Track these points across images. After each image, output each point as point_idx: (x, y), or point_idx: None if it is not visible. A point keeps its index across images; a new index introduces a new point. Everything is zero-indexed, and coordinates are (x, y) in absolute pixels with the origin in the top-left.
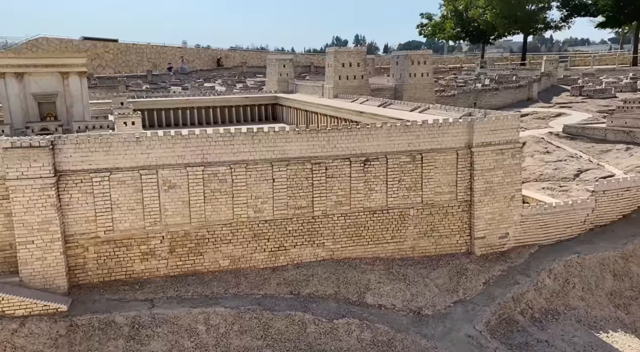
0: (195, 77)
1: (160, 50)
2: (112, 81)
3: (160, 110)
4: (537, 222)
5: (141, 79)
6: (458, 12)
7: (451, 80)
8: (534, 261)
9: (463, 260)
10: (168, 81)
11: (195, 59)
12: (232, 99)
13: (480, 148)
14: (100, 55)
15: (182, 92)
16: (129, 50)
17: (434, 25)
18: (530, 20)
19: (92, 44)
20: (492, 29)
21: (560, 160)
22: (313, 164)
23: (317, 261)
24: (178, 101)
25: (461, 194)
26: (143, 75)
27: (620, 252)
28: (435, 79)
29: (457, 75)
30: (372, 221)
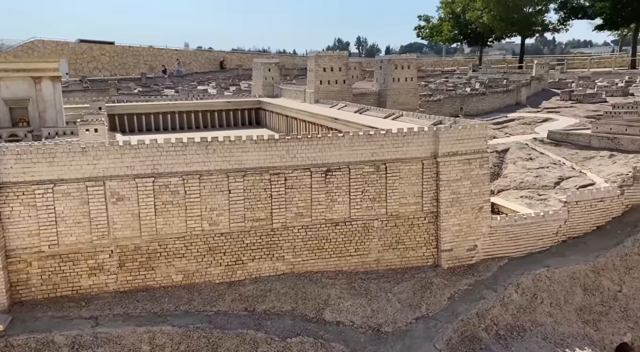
0: (190, 80)
1: (157, 53)
2: (105, 84)
3: (141, 115)
4: (506, 233)
5: (135, 81)
6: (455, 15)
7: (441, 84)
8: (502, 274)
9: (429, 273)
10: (161, 84)
11: (192, 61)
12: (214, 104)
13: (446, 158)
14: (97, 57)
15: (173, 95)
16: (126, 52)
17: (431, 28)
18: (527, 22)
19: (89, 46)
20: (490, 31)
21: (542, 167)
22: (271, 175)
23: (276, 275)
24: (159, 106)
25: (427, 205)
26: (137, 78)
27: (592, 266)
28: (425, 83)
29: (449, 78)
30: (335, 233)
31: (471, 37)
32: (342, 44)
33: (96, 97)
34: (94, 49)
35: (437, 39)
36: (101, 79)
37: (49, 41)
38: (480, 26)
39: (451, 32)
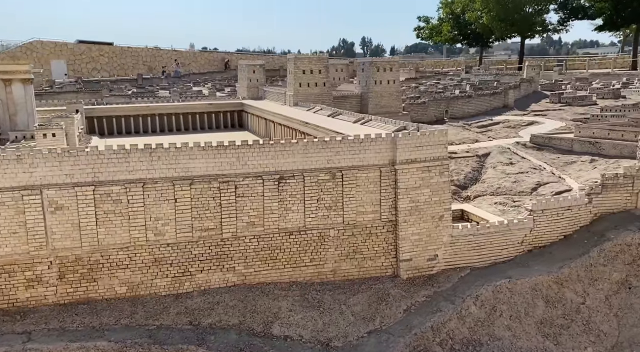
0: (186, 81)
1: (156, 53)
2: (98, 85)
3: (120, 118)
4: (469, 243)
5: (131, 82)
6: (455, 15)
7: (432, 86)
8: (463, 285)
9: (387, 284)
10: (156, 85)
11: (192, 62)
12: (195, 106)
13: (404, 165)
14: (95, 58)
15: (166, 96)
16: (124, 53)
17: (431, 28)
18: (527, 23)
19: (87, 47)
20: (489, 32)
21: (521, 172)
22: (221, 183)
23: (227, 287)
24: (139, 108)
25: (386, 214)
26: (134, 79)
27: (555, 277)
28: (417, 85)
29: (441, 80)
30: (289, 242)
31: (471, 38)
32: (346, 45)
33: (88, 98)
34: (93, 49)
35: (436, 39)
36: (97, 80)
37: (48, 42)
38: (479, 27)
39: (450, 32)
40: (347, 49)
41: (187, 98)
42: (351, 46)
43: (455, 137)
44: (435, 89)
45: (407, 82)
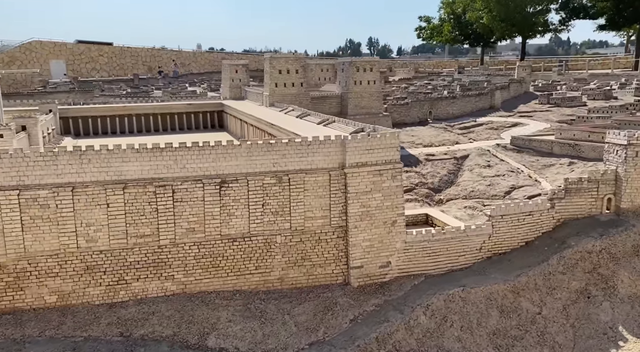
0: (183, 81)
1: (156, 54)
2: (91, 85)
3: (96, 118)
4: (424, 249)
5: (127, 82)
6: (456, 15)
7: (422, 87)
8: (414, 294)
9: (336, 292)
10: (151, 85)
11: (192, 62)
12: (174, 106)
13: (354, 169)
14: (95, 58)
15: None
16: (124, 53)
17: (432, 29)
18: (527, 23)
19: (86, 47)
20: (490, 32)
21: (498, 175)
22: (157, 187)
23: (165, 296)
24: (115, 108)
25: (336, 219)
26: (130, 79)
27: (511, 286)
28: (406, 85)
29: (433, 80)
30: (232, 249)
31: (472, 38)
32: (353, 45)
33: (80, 98)
34: (92, 49)
35: (437, 39)
36: (94, 80)
37: (47, 42)
38: (480, 27)
39: (451, 33)
40: (354, 49)
41: (180, 98)
42: (358, 46)
43: (435, 139)
44: (424, 90)
45: (400, 82)
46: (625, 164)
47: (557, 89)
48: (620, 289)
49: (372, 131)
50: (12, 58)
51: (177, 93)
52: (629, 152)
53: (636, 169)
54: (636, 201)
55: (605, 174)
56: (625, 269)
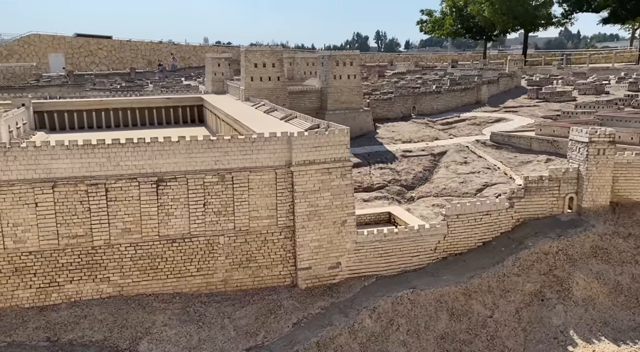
0: (180, 75)
1: (156, 47)
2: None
3: (72, 112)
4: (375, 250)
5: (124, 76)
6: (458, 8)
7: (412, 81)
8: (363, 296)
9: (283, 295)
10: (146, 79)
11: (192, 56)
12: (152, 100)
13: (301, 167)
14: (94, 52)
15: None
16: (123, 47)
17: (433, 22)
18: (529, 16)
19: (85, 41)
20: (492, 25)
21: (473, 172)
22: (89, 186)
23: (101, 299)
24: (92, 102)
25: (282, 219)
26: (127, 73)
27: (463, 288)
28: (397, 80)
29: (426, 74)
30: (171, 251)
31: (474, 31)
32: (360, 39)
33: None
34: (91, 43)
35: (438, 33)
36: (91, 73)
37: (46, 35)
38: (482, 20)
39: (453, 26)
40: (361, 43)
41: (173, 92)
42: (365, 40)
43: (415, 134)
44: (413, 84)
45: (393, 76)
46: (586, 162)
47: (553, 83)
48: (575, 292)
49: (326, 128)
50: (11, 51)
51: (172, 87)
52: (590, 150)
53: (598, 168)
54: (598, 201)
55: (566, 173)
56: (581, 271)
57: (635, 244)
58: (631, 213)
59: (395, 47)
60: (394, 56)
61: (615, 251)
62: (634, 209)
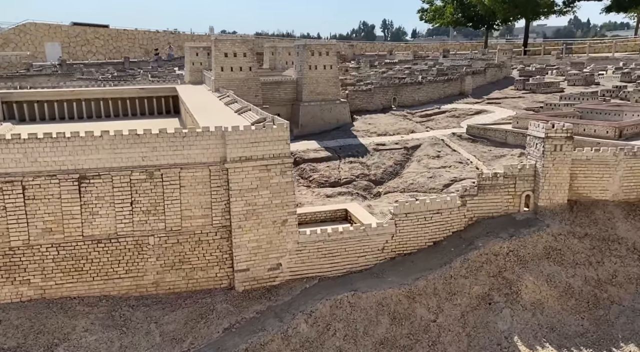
0: (175, 64)
1: (153, 36)
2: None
3: (42, 103)
4: (319, 250)
5: (117, 65)
6: None
7: (400, 71)
8: (302, 299)
9: (218, 298)
10: (138, 68)
11: None
12: (125, 91)
13: (236, 164)
14: (91, 41)
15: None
16: (120, 36)
17: (434, 10)
18: (530, 4)
19: (82, 29)
20: (492, 14)
21: (444, 166)
22: (3, 183)
23: (21, 302)
24: (63, 93)
25: (218, 219)
26: (121, 62)
27: (407, 290)
28: (384, 70)
29: (417, 64)
30: (97, 252)
31: (475, 21)
32: (367, 27)
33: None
34: (88, 32)
35: (439, 22)
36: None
37: (42, 24)
38: (482, 9)
39: (454, 15)
40: (368, 31)
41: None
42: (371, 29)
43: (391, 127)
44: (400, 75)
45: (384, 66)
46: (543, 158)
47: (549, 73)
48: (523, 295)
49: (269, 121)
50: (7, 40)
51: (163, 76)
52: (547, 146)
53: (555, 164)
54: (555, 199)
55: (523, 169)
56: (531, 274)
57: (591, 244)
58: (590, 212)
59: (402, 36)
60: (394, 45)
61: (569, 252)
62: (592, 208)
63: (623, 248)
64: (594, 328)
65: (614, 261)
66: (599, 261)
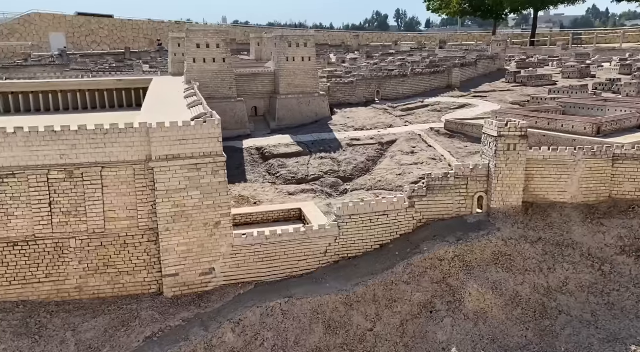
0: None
1: (157, 27)
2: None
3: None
4: (256, 254)
5: (118, 56)
6: None
7: (391, 63)
8: (233, 306)
9: (144, 304)
10: (138, 59)
11: None
12: (102, 82)
13: (162, 163)
14: (95, 31)
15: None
16: (125, 26)
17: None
18: None
19: (87, 20)
20: (500, 4)
21: (417, 163)
22: None
23: None
24: (39, 84)
25: (145, 221)
26: (122, 53)
27: (345, 297)
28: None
29: (413, 55)
30: (13, 255)
31: (482, 11)
32: (380, 17)
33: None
34: (92, 22)
35: (445, 11)
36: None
37: (46, 14)
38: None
39: (461, 5)
40: (381, 21)
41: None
42: (385, 19)
43: (370, 121)
44: (391, 66)
45: (380, 56)
46: (495, 158)
47: (549, 65)
48: (467, 303)
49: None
50: (12, 30)
51: (160, 67)
52: (500, 145)
53: (508, 165)
54: (508, 201)
55: (475, 169)
56: (476, 281)
57: (544, 249)
58: (546, 215)
59: (416, 26)
60: (401, 36)
61: (519, 257)
62: (549, 211)
63: (577, 254)
64: (537, 340)
65: (567, 267)
66: (551, 268)
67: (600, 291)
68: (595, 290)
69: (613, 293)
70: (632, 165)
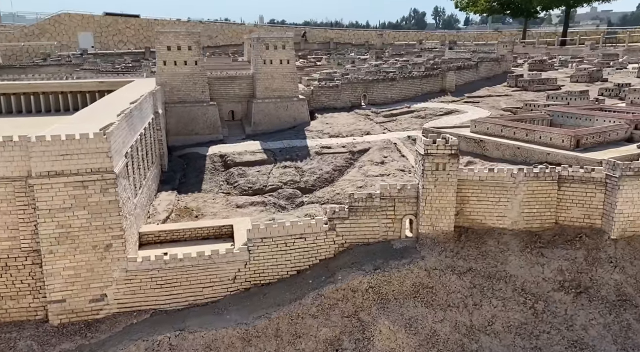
0: None
1: (183, 26)
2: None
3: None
4: (153, 280)
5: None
6: None
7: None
8: (119, 338)
9: (25, 333)
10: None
11: (219, 35)
12: (84, 84)
13: (44, 179)
14: (122, 31)
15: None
16: (151, 26)
17: None
18: None
19: (114, 19)
20: (529, 1)
21: (384, 174)
22: None
23: None
24: (19, 86)
25: (27, 241)
26: (141, 52)
27: (244, 331)
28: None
29: (421, 56)
30: None
31: (512, 8)
32: (417, 15)
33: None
34: (119, 22)
35: (472, 9)
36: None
37: (75, 14)
38: None
39: (489, 2)
40: (418, 19)
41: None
42: (422, 16)
43: (347, 128)
44: (392, 68)
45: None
46: (423, 178)
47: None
48: (376, 342)
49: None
50: (42, 30)
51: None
52: (427, 165)
53: (437, 186)
54: (438, 225)
55: (403, 190)
56: (389, 316)
57: (472, 282)
58: (481, 242)
59: (454, 23)
60: (428, 34)
61: (443, 290)
62: (485, 237)
63: (509, 288)
64: None
65: (495, 303)
66: (477, 303)
67: (529, 332)
68: (524, 331)
69: (542, 336)
70: (579, 189)
